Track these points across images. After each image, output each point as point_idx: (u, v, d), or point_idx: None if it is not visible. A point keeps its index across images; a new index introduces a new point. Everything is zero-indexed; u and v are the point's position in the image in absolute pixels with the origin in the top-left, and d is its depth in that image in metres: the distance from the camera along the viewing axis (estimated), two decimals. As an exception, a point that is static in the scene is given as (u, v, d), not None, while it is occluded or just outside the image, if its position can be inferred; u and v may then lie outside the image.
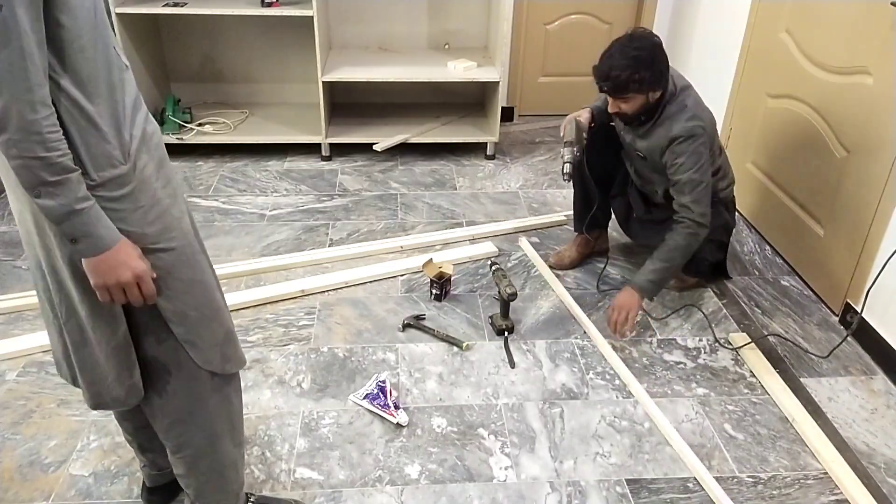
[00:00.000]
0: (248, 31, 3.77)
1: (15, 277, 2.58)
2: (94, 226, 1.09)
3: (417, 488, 1.79)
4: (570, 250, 2.73)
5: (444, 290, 2.50)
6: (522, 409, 2.05)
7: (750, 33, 3.07)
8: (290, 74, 3.91)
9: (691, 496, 1.79)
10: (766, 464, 1.89)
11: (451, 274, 2.49)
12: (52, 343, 1.35)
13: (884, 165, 2.25)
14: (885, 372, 2.23)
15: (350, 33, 3.86)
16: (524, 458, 1.89)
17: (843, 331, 2.42)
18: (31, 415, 1.98)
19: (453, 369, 2.19)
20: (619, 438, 1.96)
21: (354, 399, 2.05)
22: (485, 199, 3.27)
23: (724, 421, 2.02)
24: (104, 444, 1.89)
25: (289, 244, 2.84)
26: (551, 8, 3.97)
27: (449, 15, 3.86)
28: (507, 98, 4.14)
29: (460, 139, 3.68)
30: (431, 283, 2.48)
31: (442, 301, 2.49)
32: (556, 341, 2.33)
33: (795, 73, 2.74)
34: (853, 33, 2.40)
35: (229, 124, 3.68)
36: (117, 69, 1.14)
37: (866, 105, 2.34)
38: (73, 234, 1.08)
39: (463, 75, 3.52)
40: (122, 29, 3.20)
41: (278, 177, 3.43)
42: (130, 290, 1.16)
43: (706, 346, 2.34)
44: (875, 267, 2.28)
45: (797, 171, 2.75)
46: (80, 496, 1.74)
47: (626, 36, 2.11)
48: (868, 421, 2.04)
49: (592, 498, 1.78)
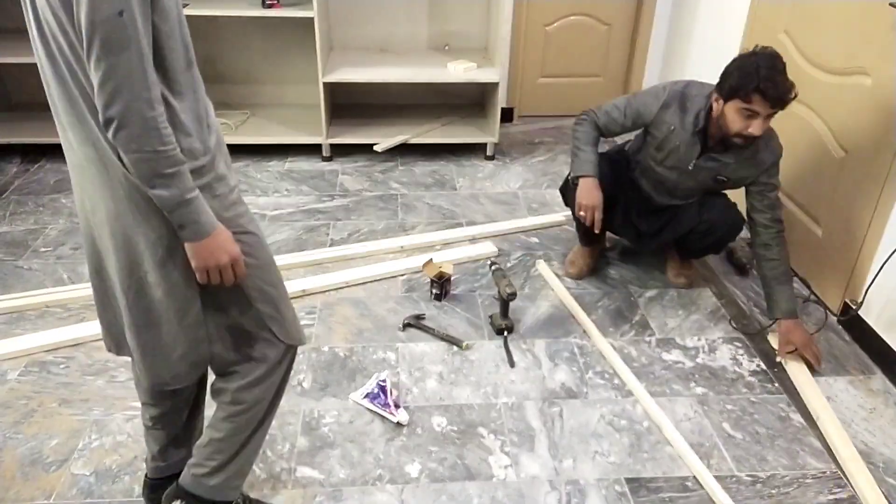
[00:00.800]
0: (249, 32, 3.78)
1: (16, 277, 2.58)
2: (198, 213, 1.18)
3: (417, 487, 1.80)
4: (585, 260, 2.68)
5: (445, 290, 2.50)
6: (522, 408, 2.06)
7: (749, 34, 3.08)
8: (291, 75, 3.92)
9: (690, 495, 1.80)
10: (765, 463, 1.90)
11: (450, 274, 2.50)
12: (105, 323, 1.43)
13: (882, 166, 2.26)
14: (884, 371, 2.24)
15: (351, 34, 3.87)
16: (524, 456, 1.90)
17: (842, 330, 2.43)
18: (32, 414, 1.99)
19: (453, 368, 2.20)
20: (619, 437, 1.96)
21: (355, 398, 2.06)
22: (484, 199, 3.28)
23: (722, 420, 2.03)
24: (105, 443, 1.89)
25: (290, 244, 2.85)
26: (551, 9, 3.98)
27: (449, 16, 3.87)
28: (506, 99, 4.15)
29: (460, 140, 3.68)
30: (431, 283, 2.49)
31: (442, 301, 2.50)
32: (556, 341, 2.34)
33: (794, 74, 2.71)
34: (852, 34, 2.41)
35: (230, 125, 3.69)
36: (195, 67, 1.22)
37: (865, 106, 2.35)
38: (182, 220, 1.17)
39: (463, 76, 3.53)
40: (124, 30, 3.21)
41: (279, 177, 3.44)
42: (226, 271, 1.25)
43: (705, 345, 2.34)
44: (873, 267, 2.29)
45: (795, 172, 2.75)
46: (81, 495, 1.75)
47: (770, 54, 2.06)
48: (866, 420, 2.05)
49: (591, 497, 1.78)
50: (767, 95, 2.02)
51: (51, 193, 3.22)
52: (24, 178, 3.37)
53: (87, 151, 1.20)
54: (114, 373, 2.13)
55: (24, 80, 3.81)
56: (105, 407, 2.01)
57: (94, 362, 2.18)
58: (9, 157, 3.56)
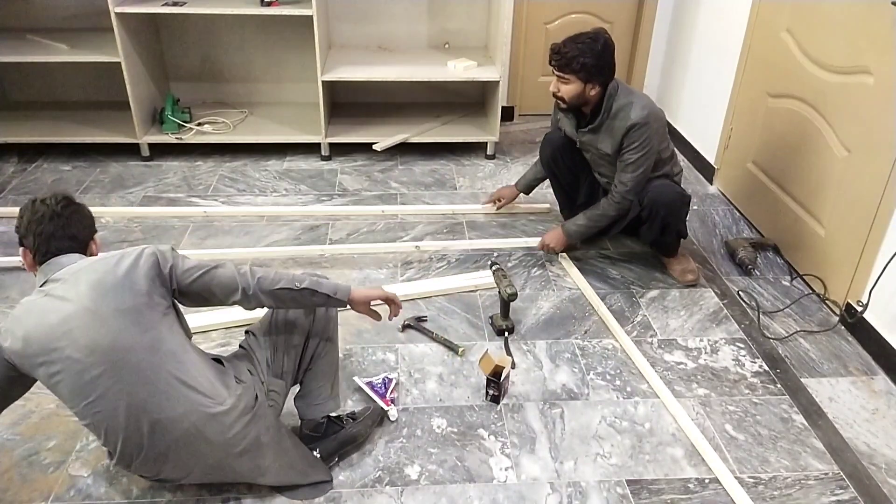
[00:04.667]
0: (248, 30, 3.76)
1: (13, 277, 2.57)
2: (332, 284, 1.72)
3: (417, 489, 1.78)
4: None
5: (503, 389, 2.07)
6: (523, 409, 2.05)
7: (751, 33, 3.06)
8: (290, 74, 3.90)
9: (692, 497, 1.78)
10: (767, 464, 1.89)
11: (508, 368, 2.06)
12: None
13: (885, 165, 2.24)
14: (886, 372, 2.22)
15: (350, 32, 3.85)
16: (524, 458, 1.88)
17: (845, 331, 2.42)
18: (29, 415, 1.97)
19: (453, 370, 2.19)
20: (620, 439, 1.95)
21: (358, 379, 2.08)
22: (485, 198, 3.27)
23: (724, 421, 2.02)
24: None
25: (288, 244, 2.84)
26: (551, 7, 3.97)
27: (449, 14, 3.85)
28: (507, 97, 4.14)
29: (460, 139, 3.67)
30: (488, 383, 2.06)
31: (500, 403, 2.07)
32: (557, 342, 2.33)
33: (796, 73, 2.73)
34: (854, 33, 2.40)
35: (229, 124, 3.67)
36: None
37: (867, 104, 2.34)
38: (336, 296, 1.71)
39: (463, 75, 3.51)
40: (122, 28, 3.20)
41: (278, 176, 3.43)
42: (389, 303, 1.84)
43: (707, 346, 2.33)
44: (877, 267, 2.28)
45: (798, 171, 2.74)
46: (79, 496, 1.74)
47: (589, 31, 2.37)
48: (869, 421, 2.04)
49: (593, 498, 1.77)
50: (550, 48, 2.39)
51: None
52: (21, 178, 3.35)
53: None
54: (112, 374, 2.12)
55: (22, 80, 3.79)
56: (103, 408, 2.00)
57: (92, 363, 2.16)
58: (6, 156, 3.54)
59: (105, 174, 3.41)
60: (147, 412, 1.47)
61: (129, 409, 1.46)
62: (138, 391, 1.46)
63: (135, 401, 1.46)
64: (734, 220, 3.14)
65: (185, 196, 3.21)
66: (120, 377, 1.44)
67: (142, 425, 1.48)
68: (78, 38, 3.49)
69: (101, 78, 3.73)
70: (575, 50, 2.31)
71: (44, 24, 3.65)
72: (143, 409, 1.47)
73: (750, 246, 2.79)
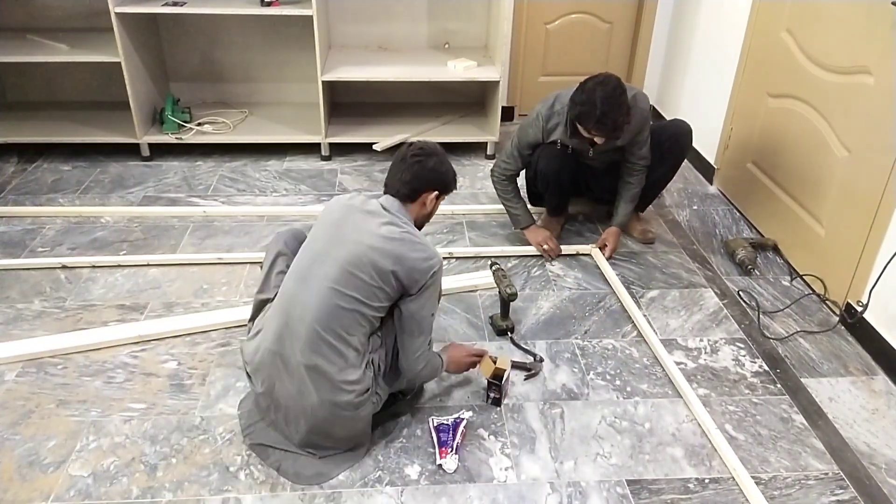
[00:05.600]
0: (248, 30, 3.76)
1: (14, 277, 2.57)
2: (438, 357, 1.93)
3: (417, 489, 1.78)
4: (552, 227, 2.92)
5: (504, 391, 2.06)
6: (523, 409, 2.05)
7: (750, 33, 3.06)
8: (290, 74, 3.90)
9: (692, 497, 1.78)
10: (767, 464, 1.89)
11: (507, 370, 2.06)
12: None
13: (885, 165, 2.24)
14: (886, 372, 2.23)
15: (350, 32, 3.85)
16: (524, 458, 1.89)
17: (844, 331, 2.42)
18: (30, 415, 1.97)
19: (453, 370, 2.19)
20: (620, 439, 1.95)
21: (433, 418, 1.95)
22: (485, 198, 3.27)
23: (724, 421, 2.02)
24: (103, 444, 1.88)
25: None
26: (552, 7, 3.97)
27: (449, 14, 3.85)
28: (507, 97, 4.14)
29: (460, 139, 3.67)
30: (489, 385, 2.05)
31: (501, 405, 2.06)
32: (557, 342, 2.33)
33: (796, 73, 2.73)
34: (854, 33, 2.40)
35: (228, 124, 3.67)
36: None
37: (867, 105, 2.34)
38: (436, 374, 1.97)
39: (463, 75, 3.51)
40: (122, 28, 3.20)
41: (278, 177, 3.43)
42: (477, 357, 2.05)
43: (707, 346, 2.33)
44: (877, 267, 2.28)
45: (798, 171, 2.74)
46: (79, 496, 1.74)
47: (605, 83, 2.35)
48: (869, 421, 2.04)
49: (593, 499, 1.77)
50: (597, 124, 2.37)
51: (48, 193, 3.20)
52: (21, 178, 3.35)
53: None
54: (111, 374, 2.12)
55: (22, 80, 3.79)
56: (103, 408, 2.00)
57: (92, 363, 2.16)
58: (6, 156, 3.54)
59: (105, 174, 3.41)
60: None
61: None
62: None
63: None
64: (734, 220, 3.14)
65: (185, 196, 3.21)
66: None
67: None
68: (78, 38, 3.49)
69: (101, 78, 3.73)
70: (620, 117, 2.36)
71: (44, 24, 3.65)
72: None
73: (750, 246, 2.79)
